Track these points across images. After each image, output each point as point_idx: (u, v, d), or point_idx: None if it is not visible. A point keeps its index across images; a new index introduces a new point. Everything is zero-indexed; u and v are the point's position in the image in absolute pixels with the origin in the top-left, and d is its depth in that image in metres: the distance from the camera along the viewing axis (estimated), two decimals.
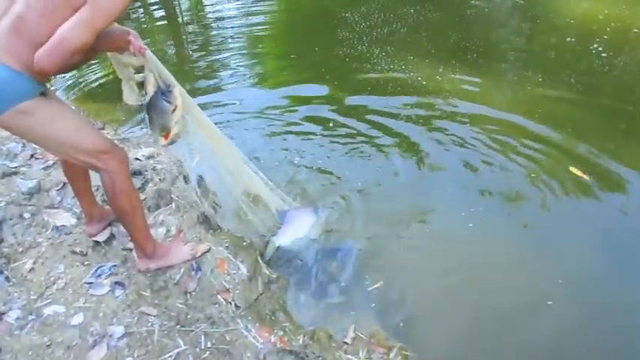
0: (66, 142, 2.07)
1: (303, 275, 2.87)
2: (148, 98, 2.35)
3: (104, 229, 2.79)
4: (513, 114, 4.28)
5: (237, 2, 7.87)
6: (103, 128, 4.26)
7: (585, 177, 3.53)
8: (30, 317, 2.34)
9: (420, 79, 4.92)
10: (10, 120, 1.94)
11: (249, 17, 7.20)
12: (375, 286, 2.81)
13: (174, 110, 2.31)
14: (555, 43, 5.75)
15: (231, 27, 6.90)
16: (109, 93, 5.23)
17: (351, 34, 6.04)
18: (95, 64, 5.81)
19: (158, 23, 7.64)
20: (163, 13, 8.09)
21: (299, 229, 3.04)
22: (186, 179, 3.44)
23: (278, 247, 2.97)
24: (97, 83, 5.53)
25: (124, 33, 2.15)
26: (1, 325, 2.28)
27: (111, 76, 5.44)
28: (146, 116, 2.38)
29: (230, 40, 6.46)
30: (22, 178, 3.30)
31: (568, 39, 5.69)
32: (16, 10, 1.83)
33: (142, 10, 8.16)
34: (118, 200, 2.25)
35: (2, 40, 1.84)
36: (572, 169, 3.59)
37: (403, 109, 4.47)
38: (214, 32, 6.90)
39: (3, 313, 2.32)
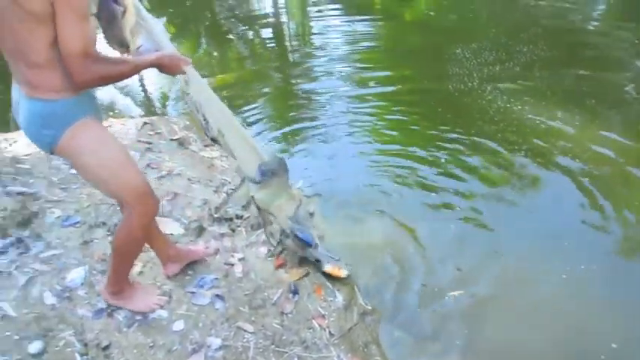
0: (108, 171, 2.02)
1: (400, 310, 2.84)
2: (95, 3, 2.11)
3: (181, 270, 2.76)
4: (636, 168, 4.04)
5: (344, 29, 8.05)
6: (212, 145, 4.44)
7: None
8: (137, 317, 2.48)
9: (537, 121, 4.76)
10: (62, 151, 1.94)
11: (356, 45, 7.32)
12: (472, 331, 2.73)
13: (124, 14, 2.13)
14: None
15: (337, 54, 7.06)
16: None
17: (461, 70, 5.98)
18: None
19: (267, 45, 7.92)
20: (271, 35, 8.41)
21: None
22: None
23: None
24: None
25: None
26: (112, 321, 2.42)
27: (220, 93, 5.75)
28: (99, 28, 2.13)
29: (334, 67, 6.58)
30: None
31: None
32: (6, 46, 1.81)
33: (251, 32, 8.53)
34: (124, 242, 2.23)
35: (18, 77, 1.86)
36: None
37: (517, 151, 4.35)
38: (319, 58, 7.06)
39: (114, 310, 2.46)
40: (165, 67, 2.08)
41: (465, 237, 3.38)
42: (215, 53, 8.02)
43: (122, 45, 2.24)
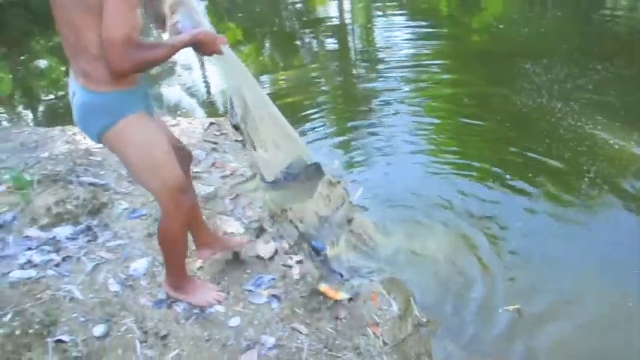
0: (145, 169, 2.06)
1: (455, 324, 2.80)
2: None
3: (213, 255, 2.78)
4: None
5: (408, 35, 8.02)
6: None
7: None
8: (194, 310, 2.54)
9: (609, 143, 4.56)
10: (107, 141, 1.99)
11: (419, 52, 7.29)
12: (527, 349, 2.66)
13: None
14: None
15: (400, 60, 7.05)
16: (281, 111, 5.59)
17: (530, 85, 5.83)
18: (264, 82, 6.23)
19: (331, 50, 7.97)
20: (336, 40, 8.45)
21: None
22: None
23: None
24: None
25: None
26: (171, 312, 2.49)
27: (283, 97, 5.83)
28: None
29: (397, 74, 6.57)
30: (202, 184, 3.60)
31: None
32: (65, 39, 1.87)
33: (316, 37, 8.60)
34: (163, 239, 2.30)
35: (75, 68, 1.91)
36: None
37: (585, 172, 4.17)
38: (382, 63, 7.08)
39: (174, 302, 2.53)
40: (202, 44, 2.01)
41: (524, 253, 3.30)
42: (279, 57, 8.16)
43: (158, 20, 2.22)
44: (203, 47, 2.04)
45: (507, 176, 4.14)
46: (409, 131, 5.03)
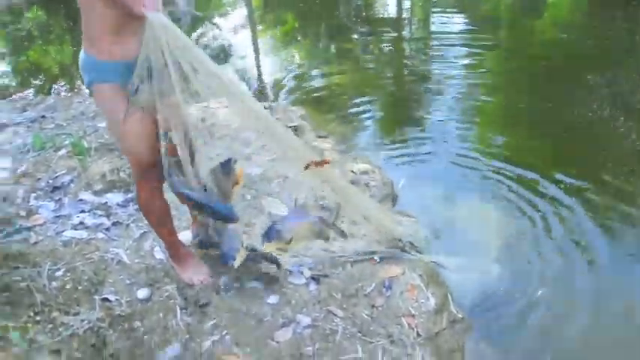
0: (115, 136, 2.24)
1: (490, 324, 2.78)
2: None
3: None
4: None
5: (466, 35, 7.91)
6: (326, 137, 4.55)
7: None
8: (235, 284, 2.60)
9: None
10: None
11: (477, 53, 7.13)
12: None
13: None
14: None
15: (456, 60, 6.91)
16: (333, 105, 5.65)
17: (591, 97, 5.58)
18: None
19: (386, 47, 7.92)
20: (393, 38, 8.40)
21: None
22: (394, 201, 3.57)
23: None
24: (323, 92, 5.98)
25: None
26: (212, 283, 2.56)
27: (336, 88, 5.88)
28: None
29: (452, 73, 6.47)
30: (250, 165, 3.67)
31: None
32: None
33: (373, 33, 8.58)
34: (139, 208, 2.43)
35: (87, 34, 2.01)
36: None
37: None
38: (437, 62, 6.98)
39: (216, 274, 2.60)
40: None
41: (571, 267, 3.20)
42: (335, 51, 8.18)
43: None
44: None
45: (560, 187, 3.98)
46: (458, 135, 4.95)
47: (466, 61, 6.96)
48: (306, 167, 2.51)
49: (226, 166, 2.43)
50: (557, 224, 3.51)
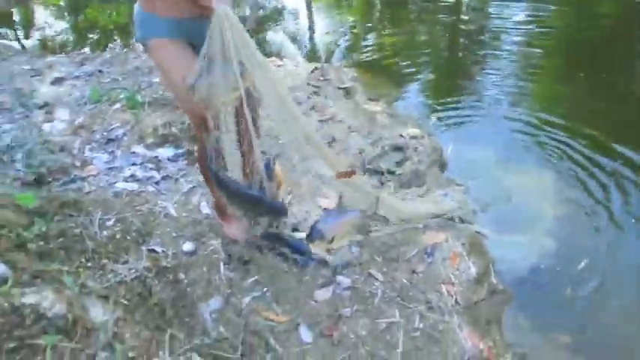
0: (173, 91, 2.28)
1: (530, 297, 2.76)
2: None
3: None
4: None
5: (526, 12, 7.54)
6: (377, 100, 4.50)
7: None
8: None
9: None
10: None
11: (534, 31, 6.77)
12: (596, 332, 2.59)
13: None
14: None
15: (512, 35, 6.61)
16: (385, 68, 5.56)
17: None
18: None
19: (443, 16, 7.66)
20: (449, 6, 8.10)
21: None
22: (442, 167, 3.53)
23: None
24: (376, 56, 5.87)
25: None
26: (252, 242, 2.61)
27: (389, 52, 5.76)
28: None
29: (507, 49, 6.21)
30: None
31: None
32: None
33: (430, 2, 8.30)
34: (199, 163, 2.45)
35: None
36: None
37: None
38: (492, 38, 6.69)
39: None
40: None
41: (624, 244, 3.11)
42: (389, 15, 7.99)
43: None
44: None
45: (622, 148, 3.86)
46: (514, 95, 4.87)
47: (523, 26, 6.69)
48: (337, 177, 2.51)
49: (268, 168, 2.35)
50: (614, 198, 3.41)
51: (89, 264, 2.15)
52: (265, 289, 2.39)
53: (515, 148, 4.02)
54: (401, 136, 3.68)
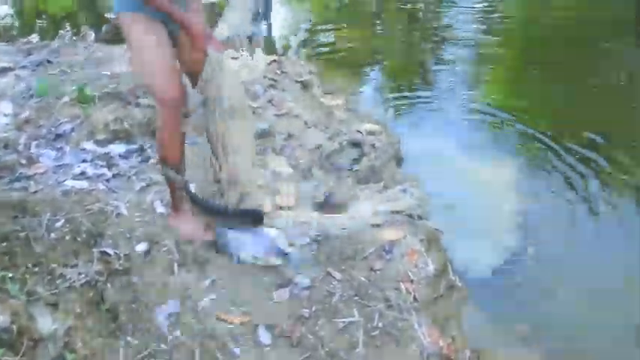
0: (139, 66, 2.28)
1: (487, 293, 2.80)
2: None
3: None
4: None
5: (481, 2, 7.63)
6: (335, 94, 4.49)
7: None
8: None
9: None
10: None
11: (493, 20, 6.89)
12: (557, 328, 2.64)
13: None
14: None
15: (469, 26, 6.67)
16: (342, 61, 5.54)
17: (608, 64, 5.41)
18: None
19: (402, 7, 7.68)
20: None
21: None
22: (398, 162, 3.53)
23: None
24: (334, 49, 5.84)
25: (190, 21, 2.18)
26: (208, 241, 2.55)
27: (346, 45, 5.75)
28: None
29: (462, 37, 6.26)
30: (256, 120, 3.61)
31: None
32: None
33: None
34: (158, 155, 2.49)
35: None
36: None
37: None
38: (448, 25, 6.77)
39: None
40: (188, 33, 2.18)
41: (581, 238, 3.19)
42: (347, 9, 7.97)
43: None
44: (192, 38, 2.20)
45: (590, 134, 3.92)
46: (472, 88, 4.95)
47: (480, 15, 6.76)
48: None
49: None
50: (573, 189, 3.46)
51: (36, 269, 2.07)
52: (223, 290, 2.34)
53: (473, 140, 4.07)
54: (358, 131, 3.67)
